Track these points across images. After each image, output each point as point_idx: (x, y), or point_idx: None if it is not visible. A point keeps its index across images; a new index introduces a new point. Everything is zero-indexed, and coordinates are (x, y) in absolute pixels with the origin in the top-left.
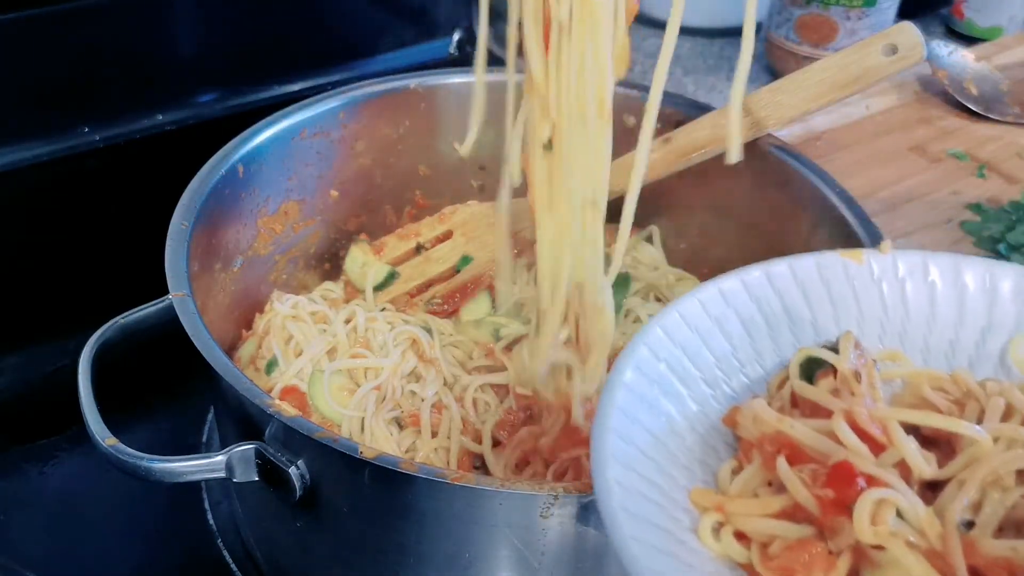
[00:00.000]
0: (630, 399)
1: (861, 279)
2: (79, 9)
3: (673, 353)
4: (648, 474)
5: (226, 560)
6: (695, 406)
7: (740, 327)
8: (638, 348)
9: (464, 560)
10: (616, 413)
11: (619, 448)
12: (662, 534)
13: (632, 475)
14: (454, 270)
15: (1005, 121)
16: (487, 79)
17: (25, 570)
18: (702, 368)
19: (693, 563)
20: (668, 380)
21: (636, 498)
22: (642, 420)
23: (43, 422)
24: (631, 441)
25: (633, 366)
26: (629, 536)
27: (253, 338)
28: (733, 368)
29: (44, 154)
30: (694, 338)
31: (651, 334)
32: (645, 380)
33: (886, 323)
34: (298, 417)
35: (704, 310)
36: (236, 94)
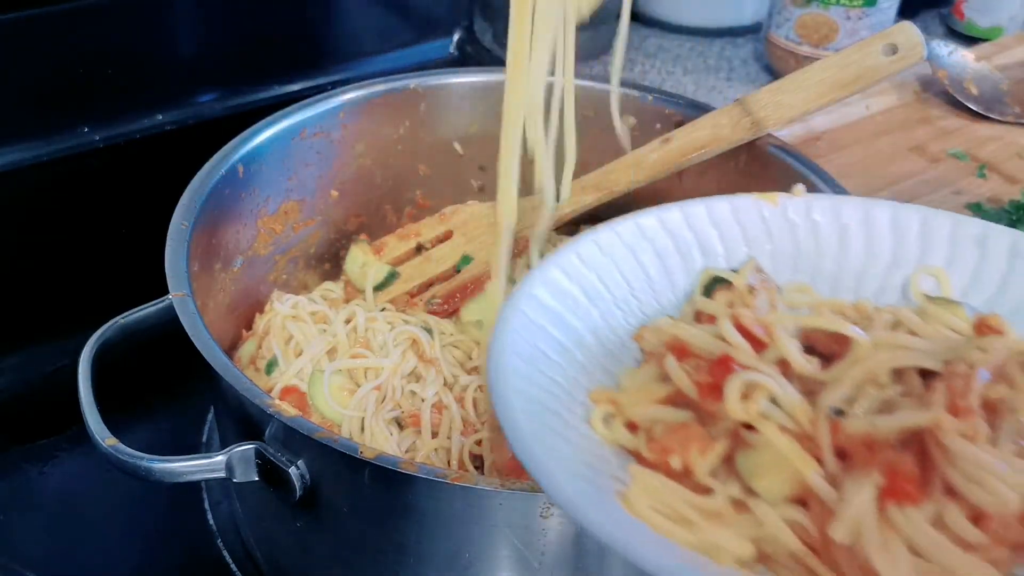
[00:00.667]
0: (537, 308)
1: (775, 220)
2: (79, 9)
3: (586, 276)
4: (549, 372)
5: (226, 560)
6: (604, 324)
7: (655, 259)
8: (549, 269)
9: (464, 560)
10: (519, 317)
11: (521, 345)
12: (553, 416)
13: (532, 368)
14: (454, 270)
15: (1005, 121)
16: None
17: (25, 570)
18: (615, 293)
19: (581, 445)
20: (578, 299)
21: (532, 386)
22: (548, 329)
23: (43, 422)
24: (534, 343)
25: (542, 282)
26: (518, 409)
27: (253, 338)
28: (648, 295)
29: (44, 154)
30: (608, 265)
31: (565, 258)
32: (554, 296)
33: (798, 260)
34: (298, 417)
35: (620, 240)
36: (236, 94)
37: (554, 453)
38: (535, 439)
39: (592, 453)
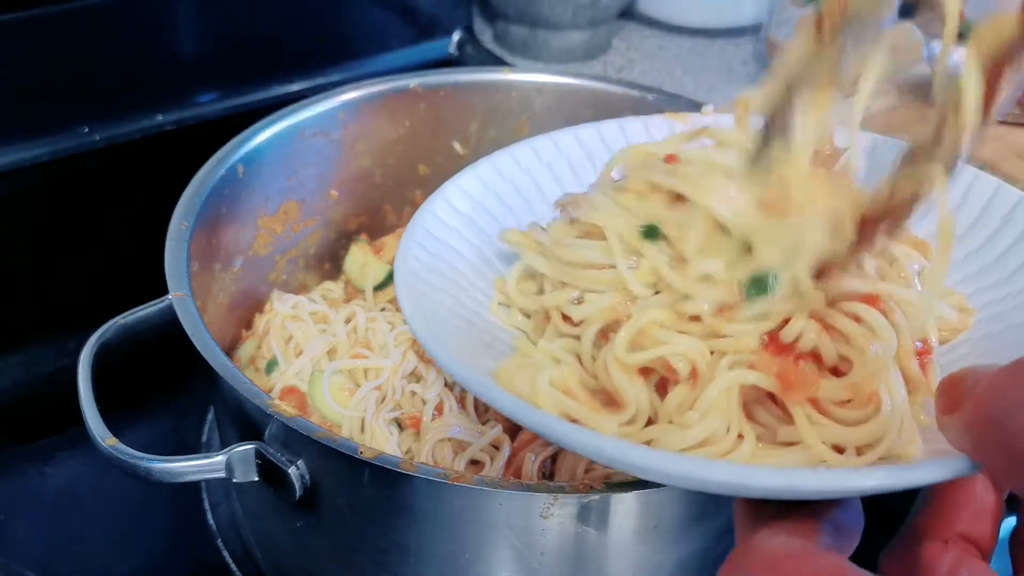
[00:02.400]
0: (447, 213)
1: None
2: (79, 9)
3: (501, 186)
4: (455, 265)
5: (226, 560)
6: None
7: (570, 172)
8: (465, 177)
9: (464, 560)
10: (430, 218)
11: (429, 241)
12: (455, 301)
13: (438, 261)
14: None
15: (1005, 121)
16: (487, 78)
17: (25, 570)
18: (530, 201)
19: (480, 327)
20: (486, 206)
21: (436, 275)
22: (457, 230)
23: (43, 422)
24: (442, 239)
25: (458, 190)
26: (417, 292)
27: (253, 338)
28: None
29: (44, 154)
30: (524, 177)
31: (481, 168)
32: (463, 204)
33: None
34: (298, 417)
35: (537, 156)
36: (236, 94)
37: (447, 330)
38: (427, 317)
39: (489, 334)
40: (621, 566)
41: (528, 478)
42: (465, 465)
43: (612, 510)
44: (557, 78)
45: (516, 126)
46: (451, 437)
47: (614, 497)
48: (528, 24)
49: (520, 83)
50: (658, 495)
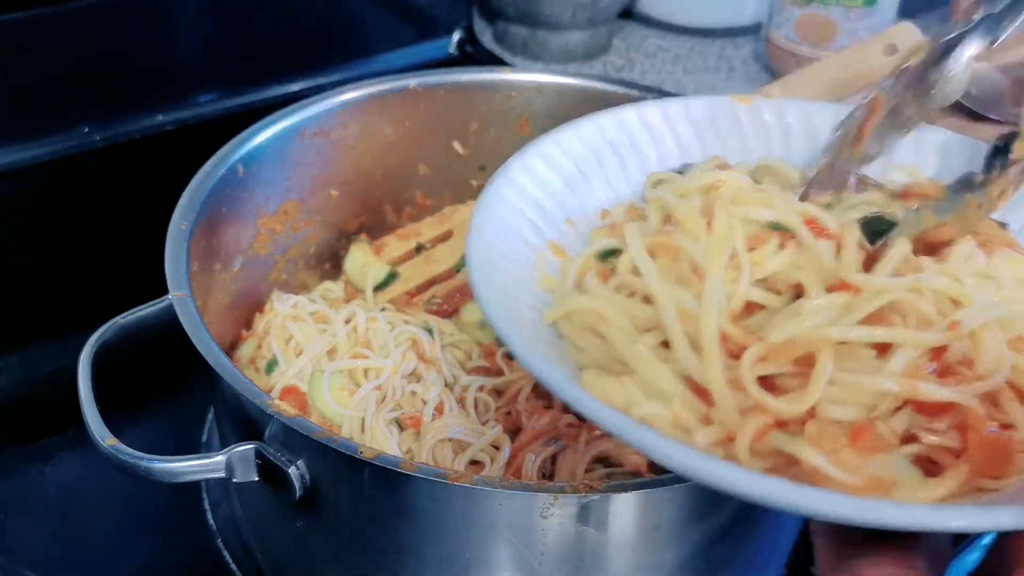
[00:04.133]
0: (516, 190)
1: (749, 119)
2: (79, 9)
3: (565, 165)
4: (527, 239)
5: (226, 560)
6: (579, 208)
7: (632, 151)
8: (530, 156)
9: (464, 560)
10: (500, 195)
11: (499, 218)
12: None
13: (509, 237)
14: (454, 270)
15: (1005, 121)
16: (487, 78)
17: (25, 570)
18: (592, 182)
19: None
20: (556, 185)
21: (504, 258)
22: (525, 209)
23: (43, 422)
24: (513, 217)
25: (522, 167)
26: (489, 276)
27: (253, 338)
28: (622, 185)
29: (44, 154)
30: (587, 154)
31: (546, 145)
32: (535, 180)
33: (764, 154)
34: (298, 417)
35: (601, 133)
36: (236, 94)
37: (518, 317)
38: (501, 303)
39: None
40: (621, 566)
41: (528, 478)
42: (465, 465)
43: (612, 510)
44: (557, 78)
45: (516, 126)
46: (451, 437)
47: (614, 497)
48: (528, 24)
49: (520, 83)
50: (658, 495)
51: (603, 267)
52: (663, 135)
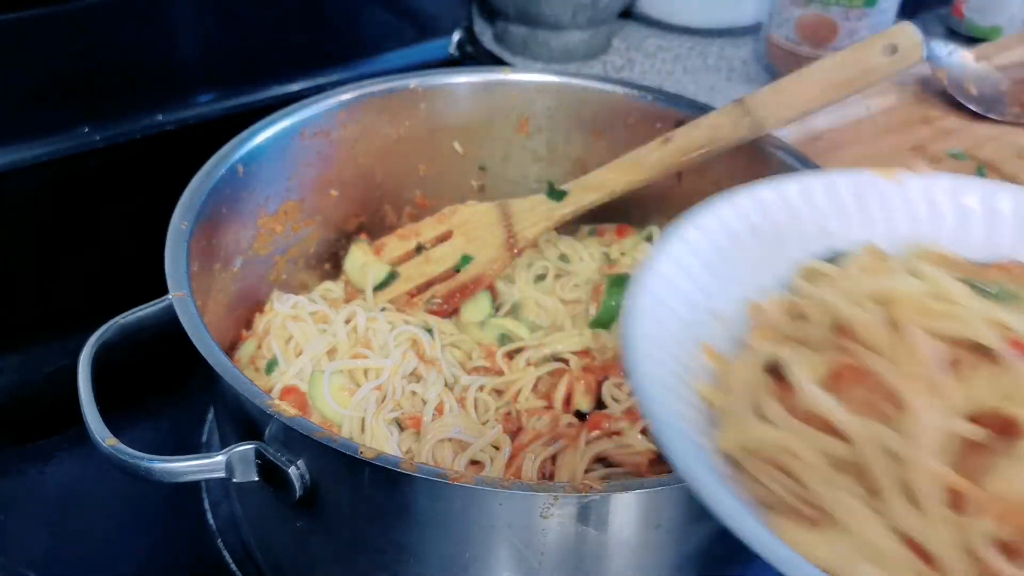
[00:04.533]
0: (665, 275)
1: (893, 195)
2: (79, 9)
3: (705, 250)
4: (676, 335)
5: (226, 560)
6: (723, 293)
7: (774, 233)
8: (673, 242)
9: (464, 560)
10: (652, 280)
11: (651, 310)
12: (674, 378)
13: (660, 331)
14: (454, 270)
15: (1005, 121)
16: (487, 79)
17: (25, 570)
18: (733, 266)
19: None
20: (697, 271)
21: (659, 350)
22: (671, 299)
23: (43, 422)
24: (664, 307)
25: (667, 254)
26: (647, 377)
27: (253, 338)
28: (765, 270)
29: (44, 154)
30: (728, 240)
31: (686, 229)
32: (679, 266)
33: (914, 239)
34: (298, 417)
35: (739, 216)
36: (236, 94)
37: (672, 415)
38: (659, 404)
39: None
40: (621, 566)
41: (528, 478)
42: (465, 465)
43: (612, 510)
44: (557, 78)
45: (516, 126)
46: (451, 437)
47: (614, 497)
48: (528, 24)
49: (520, 83)
50: (658, 495)
51: (774, 383)
52: (803, 215)
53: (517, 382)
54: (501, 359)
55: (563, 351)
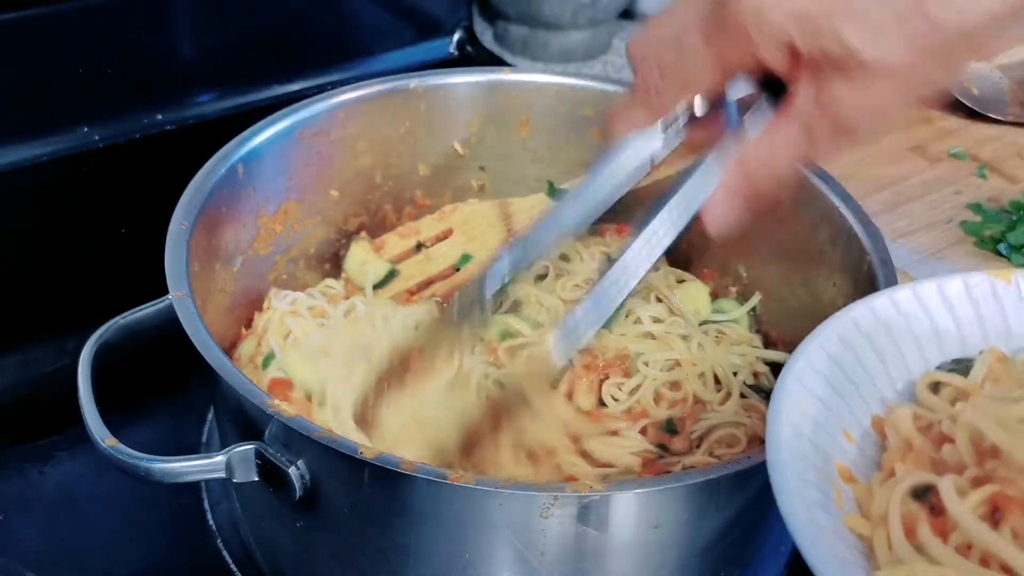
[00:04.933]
0: (804, 386)
1: (1010, 298)
2: (79, 9)
3: (831, 365)
4: (815, 444)
5: (226, 560)
6: (846, 407)
7: (890, 343)
8: (809, 347)
9: (464, 560)
10: (794, 388)
11: (793, 419)
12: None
13: (802, 443)
14: (454, 268)
15: (1006, 121)
16: (487, 79)
17: (25, 570)
18: (855, 380)
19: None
20: (831, 382)
21: (801, 461)
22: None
23: (43, 422)
24: (803, 417)
25: (806, 360)
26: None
27: (252, 337)
28: (884, 381)
29: (44, 154)
30: (848, 352)
31: (822, 334)
32: (817, 374)
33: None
34: (298, 417)
35: (857, 327)
36: (236, 94)
37: (831, 559)
38: (818, 549)
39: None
40: (621, 566)
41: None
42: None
43: (612, 510)
44: (557, 78)
45: (516, 126)
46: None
47: (614, 497)
48: (528, 24)
49: (520, 83)
50: (658, 495)
51: (922, 510)
52: (920, 321)
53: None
54: (504, 355)
55: None
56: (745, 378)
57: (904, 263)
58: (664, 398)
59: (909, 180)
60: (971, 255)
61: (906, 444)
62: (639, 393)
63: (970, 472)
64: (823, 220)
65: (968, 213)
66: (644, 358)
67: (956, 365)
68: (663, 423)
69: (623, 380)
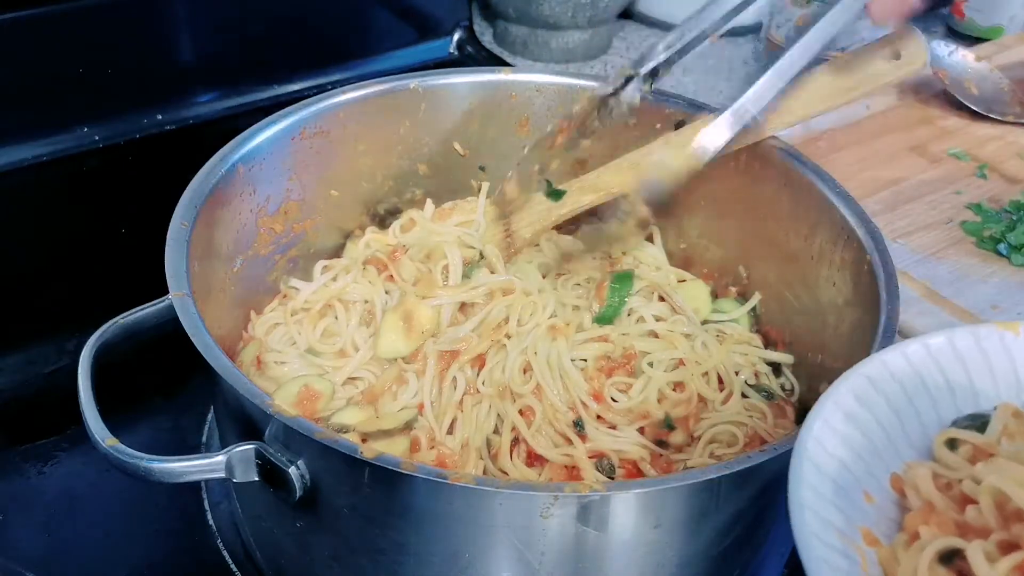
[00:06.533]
0: (823, 445)
1: (1019, 349)
2: (79, 9)
3: (847, 428)
4: (835, 504)
5: (226, 560)
6: (864, 468)
7: (904, 399)
8: (824, 408)
9: (464, 560)
10: (813, 443)
11: (813, 473)
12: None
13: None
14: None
15: (1006, 121)
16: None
17: (25, 570)
18: (872, 439)
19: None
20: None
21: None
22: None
23: (43, 422)
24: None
25: (823, 421)
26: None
27: (254, 342)
28: (901, 439)
29: (44, 154)
30: (863, 412)
31: (836, 393)
32: (835, 436)
33: None
34: (298, 417)
35: (873, 385)
36: (236, 94)
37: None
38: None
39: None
40: (621, 566)
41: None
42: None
43: (612, 510)
44: (557, 78)
45: (516, 126)
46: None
47: (614, 497)
48: (528, 24)
49: (520, 83)
50: (658, 495)
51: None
52: (933, 376)
53: None
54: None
55: None
56: (747, 377)
57: (904, 263)
58: (667, 399)
59: (909, 180)
60: (971, 255)
61: (927, 504)
62: (643, 394)
63: (996, 536)
64: (823, 220)
65: (968, 213)
66: (649, 358)
67: (972, 421)
68: (661, 421)
69: (627, 380)
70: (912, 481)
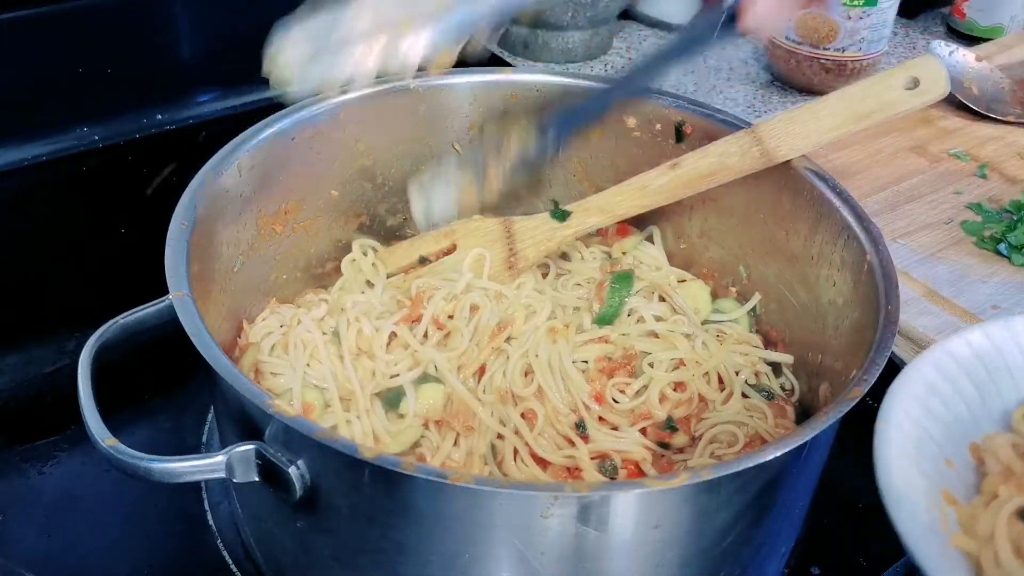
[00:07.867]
0: (911, 411)
1: None
2: (79, 9)
3: (930, 397)
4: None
5: (226, 560)
6: (945, 435)
7: (986, 374)
8: (908, 379)
9: (464, 560)
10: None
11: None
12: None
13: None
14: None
15: (1006, 121)
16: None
17: (25, 570)
18: (953, 409)
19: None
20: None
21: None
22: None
23: (43, 422)
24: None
25: (909, 393)
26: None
27: (253, 348)
28: (981, 412)
29: (44, 154)
30: (945, 384)
31: (915, 369)
32: (920, 407)
33: None
34: (298, 417)
35: (953, 359)
36: (236, 94)
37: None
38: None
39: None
40: (621, 566)
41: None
42: None
43: (612, 510)
44: (557, 78)
45: (516, 126)
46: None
47: (614, 497)
48: (528, 24)
49: (520, 83)
50: (658, 495)
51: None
52: (1012, 354)
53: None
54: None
55: None
56: (747, 377)
57: (904, 263)
58: (668, 399)
59: (909, 180)
60: (971, 255)
61: (1006, 469)
62: (645, 395)
63: None
64: (823, 220)
65: (968, 213)
66: (650, 359)
67: None
68: (663, 422)
69: (628, 380)
70: (992, 449)
